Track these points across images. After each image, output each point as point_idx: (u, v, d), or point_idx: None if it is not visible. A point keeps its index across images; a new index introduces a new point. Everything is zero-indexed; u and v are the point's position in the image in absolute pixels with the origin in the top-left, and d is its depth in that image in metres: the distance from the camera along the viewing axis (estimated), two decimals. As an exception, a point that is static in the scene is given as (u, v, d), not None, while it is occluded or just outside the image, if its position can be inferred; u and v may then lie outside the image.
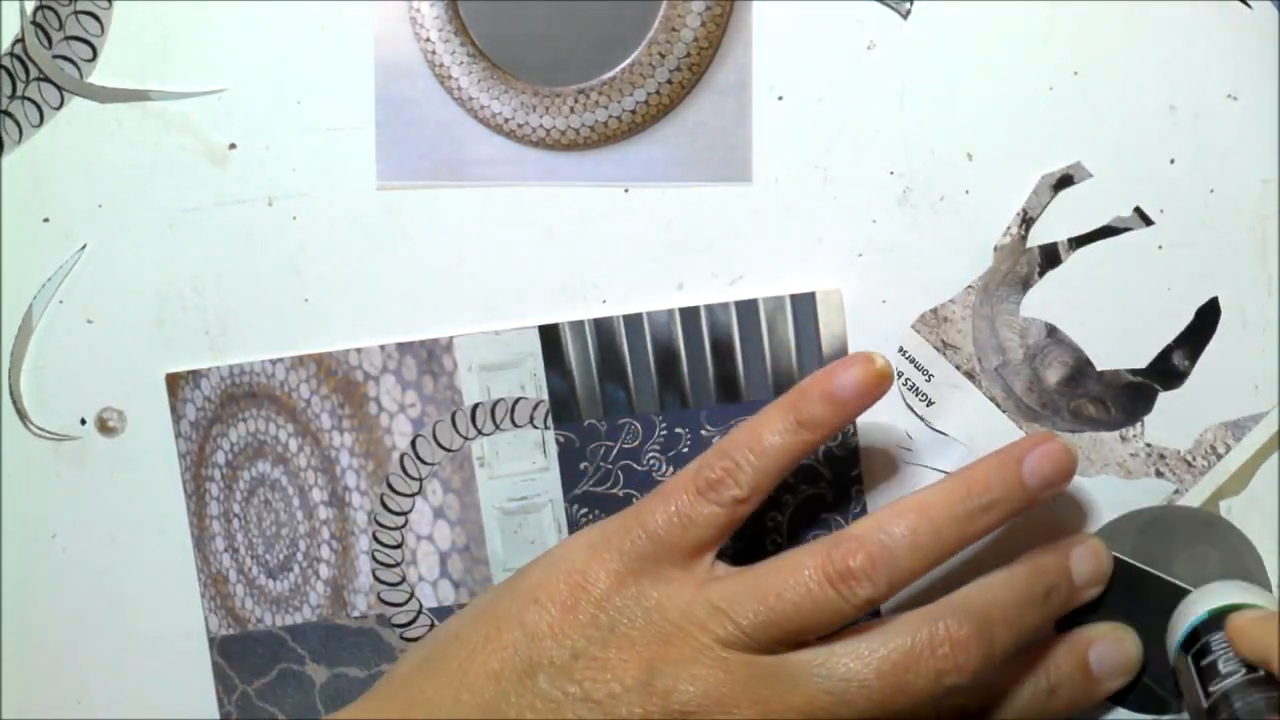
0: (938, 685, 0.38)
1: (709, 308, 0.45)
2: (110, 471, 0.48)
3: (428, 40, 0.44)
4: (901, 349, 0.44)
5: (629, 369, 0.46)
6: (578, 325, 0.45)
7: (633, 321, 0.45)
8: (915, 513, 0.39)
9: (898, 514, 0.39)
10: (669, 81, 0.44)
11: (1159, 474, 0.44)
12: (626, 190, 0.45)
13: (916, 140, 0.44)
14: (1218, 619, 0.41)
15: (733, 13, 0.44)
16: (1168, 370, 0.44)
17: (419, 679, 0.40)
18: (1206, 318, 0.43)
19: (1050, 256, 0.44)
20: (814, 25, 0.43)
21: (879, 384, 0.40)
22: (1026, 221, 0.44)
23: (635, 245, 0.45)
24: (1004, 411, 0.44)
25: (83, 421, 0.48)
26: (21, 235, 0.47)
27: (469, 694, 0.39)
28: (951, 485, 0.40)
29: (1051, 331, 0.44)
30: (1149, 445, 0.44)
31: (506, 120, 0.44)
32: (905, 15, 0.43)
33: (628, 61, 0.44)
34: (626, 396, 0.45)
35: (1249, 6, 0.42)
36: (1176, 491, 0.44)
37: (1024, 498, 0.40)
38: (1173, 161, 0.43)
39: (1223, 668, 0.39)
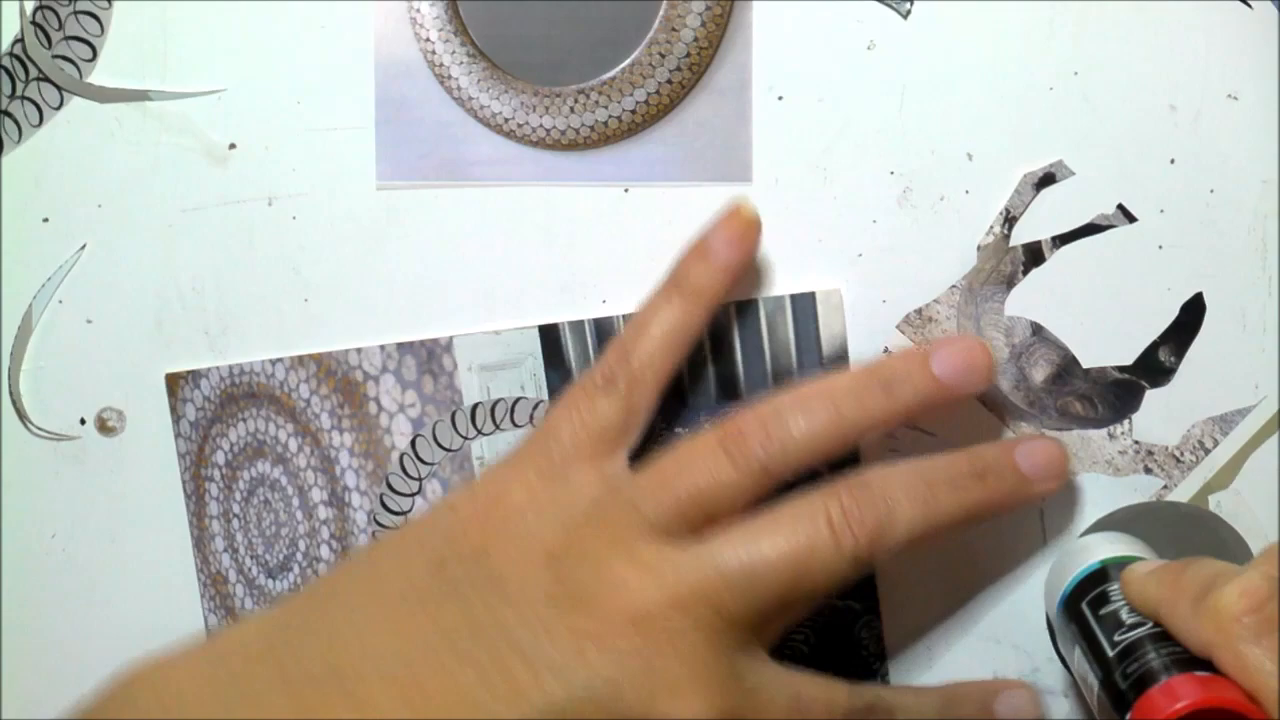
0: (840, 564, 0.38)
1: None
2: (110, 471, 0.48)
3: (428, 40, 0.44)
4: (887, 349, 0.44)
5: (629, 369, 0.45)
6: (578, 325, 0.45)
7: (633, 321, 0.45)
8: (813, 388, 0.40)
9: (795, 389, 0.40)
10: (669, 81, 0.44)
11: (1147, 470, 0.44)
12: (626, 190, 0.45)
13: (916, 140, 0.44)
14: (1112, 569, 0.40)
15: (733, 13, 0.44)
16: (1154, 367, 0.44)
17: (331, 577, 0.41)
18: (1192, 313, 0.43)
19: (1034, 255, 0.44)
20: (814, 25, 0.44)
21: (747, 231, 0.41)
22: (1009, 220, 0.44)
23: (635, 245, 0.45)
24: (990, 410, 0.44)
25: (82, 421, 0.48)
26: (21, 235, 0.47)
27: (379, 584, 0.40)
28: (856, 369, 0.40)
29: (1037, 330, 0.44)
30: (1137, 442, 0.44)
31: (506, 120, 0.44)
32: (905, 15, 0.43)
33: (628, 61, 0.44)
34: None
35: (1249, 6, 0.42)
36: (1165, 487, 0.44)
37: (932, 386, 0.40)
38: (1173, 161, 0.43)
39: (1125, 618, 0.39)
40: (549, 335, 0.45)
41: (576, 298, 0.45)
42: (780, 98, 0.44)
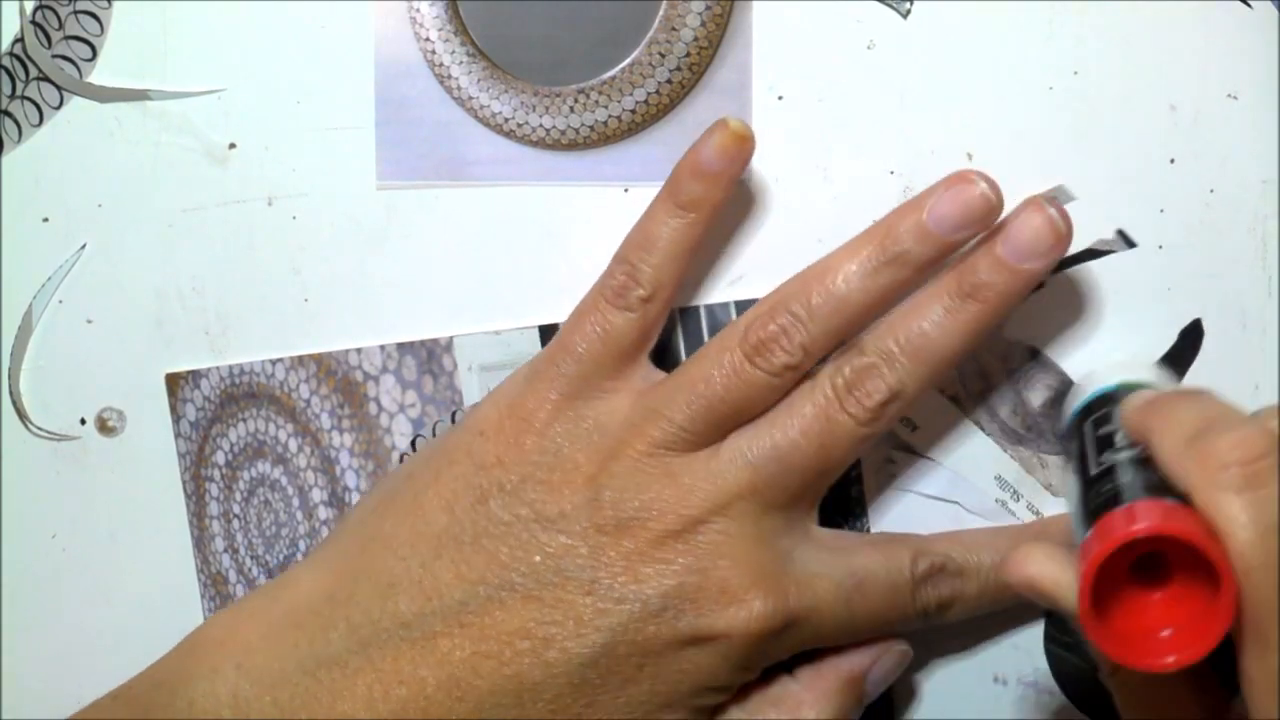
0: (860, 429, 0.39)
1: (709, 308, 0.45)
2: (110, 471, 0.48)
3: (428, 40, 0.44)
4: None
5: (629, 369, 0.45)
6: (578, 325, 0.45)
7: (633, 321, 0.45)
8: (820, 273, 0.40)
9: (803, 277, 0.40)
10: (669, 81, 0.44)
11: None
12: (626, 190, 0.45)
13: (916, 140, 0.44)
14: (1124, 392, 0.39)
15: (733, 13, 0.44)
16: None
17: (374, 518, 0.42)
18: (1190, 339, 0.43)
19: None
20: (814, 25, 0.43)
21: (740, 145, 0.41)
22: None
23: (635, 245, 0.45)
24: (989, 435, 0.44)
25: (83, 421, 0.48)
26: (21, 235, 0.47)
27: (425, 525, 0.40)
28: (857, 242, 0.40)
29: (1034, 354, 0.44)
30: None
31: (506, 120, 0.44)
32: (905, 15, 0.43)
33: (628, 61, 0.44)
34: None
35: (1249, 6, 0.42)
36: None
37: (933, 244, 0.40)
38: (1173, 161, 0.43)
39: (1119, 440, 0.38)
40: (549, 335, 0.45)
41: (576, 298, 0.45)
42: (780, 98, 0.44)
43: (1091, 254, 0.43)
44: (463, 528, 0.40)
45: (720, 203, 0.41)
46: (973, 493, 0.45)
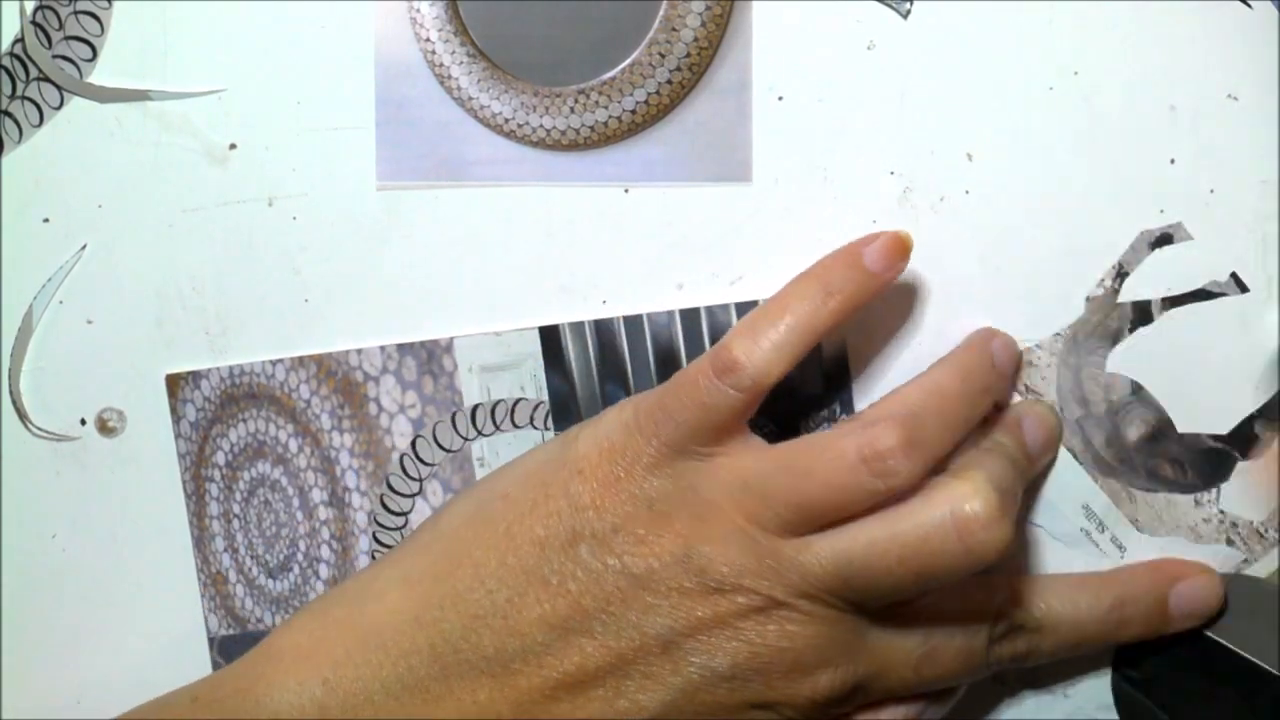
0: (966, 556, 0.39)
1: (709, 308, 0.45)
2: (110, 471, 0.48)
3: (428, 40, 0.44)
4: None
5: (629, 370, 0.46)
6: (578, 326, 0.45)
7: (633, 322, 0.45)
8: (934, 392, 0.41)
9: (921, 393, 0.41)
10: (669, 81, 0.44)
11: (1229, 542, 0.44)
12: (626, 190, 0.45)
13: (916, 140, 0.44)
14: None
15: (733, 13, 0.44)
16: (1248, 438, 0.43)
17: (467, 535, 0.42)
18: None
19: (1142, 313, 0.43)
20: (814, 25, 0.44)
21: (902, 251, 0.41)
22: (1120, 275, 0.43)
23: (635, 245, 0.45)
24: (1080, 463, 0.44)
25: (83, 422, 0.48)
26: (21, 235, 0.47)
27: (514, 558, 0.41)
28: (961, 361, 0.42)
29: (1136, 389, 0.44)
30: (1222, 512, 0.44)
31: (506, 120, 0.44)
32: (905, 15, 0.43)
33: (628, 61, 0.44)
34: (627, 397, 0.45)
35: (1249, 6, 0.42)
36: (1245, 561, 0.44)
37: (999, 380, 0.43)
38: (1173, 161, 0.43)
39: None
40: (549, 336, 0.45)
41: (576, 298, 0.45)
42: (780, 98, 0.44)
43: (1204, 294, 0.43)
44: (552, 569, 0.40)
45: (862, 301, 0.41)
46: (1059, 519, 0.45)
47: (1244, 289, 0.43)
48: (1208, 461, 0.44)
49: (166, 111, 0.46)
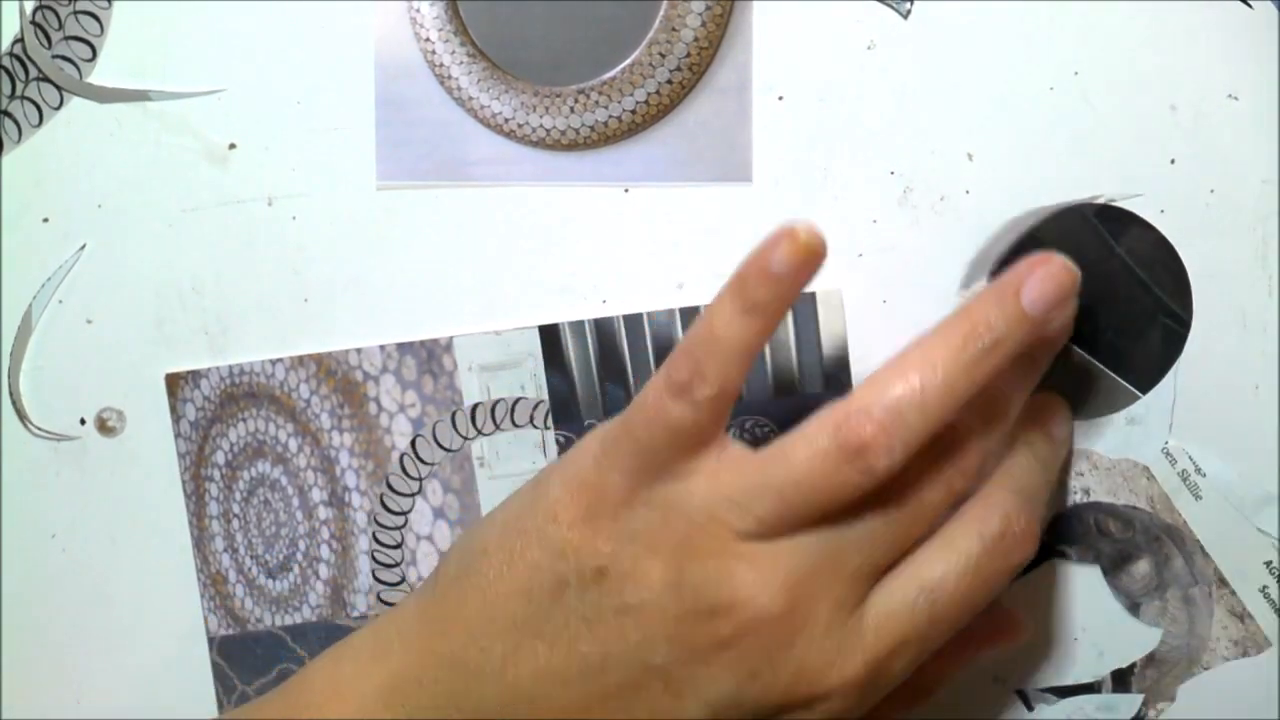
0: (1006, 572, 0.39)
1: (709, 309, 0.45)
2: (110, 471, 0.48)
3: (428, 40, 0.44)
4: None
5: (629, 369, 0.46)
6: (578, 325, 0.45)
7: (633, 321, 0.45)
8: (918, 369, 0.38)
9: (900, 373, 0.38)
10: (669, 81, 0.44)
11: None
12: (626, 190, 0.45)
13: (916, 140, 0.44)
14: None
15: (733, 13, 0.44)
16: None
17: (454, 597, 0.41)
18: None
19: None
20: (814, 25, 0.44)
21: (808, 256, 0.38)
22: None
23: (635, 245, 0.45)
24: None
25: (82, 421, 0.48)
26: (21, 235, 0.47)
27: (502, 613, 0.40)
28: (951, 330, 0.38)
29: None
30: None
31: (506, 120, 0.44)
32: (905, 15, 0.43)
33: (628, 61, 0.44)
34: (627, 396, 0.45)
35: (1249, 6, 0.42)
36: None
37: (1028, 329, 0.38)
38: (1173, 161, 0.43)
39: None
40: (549, 335, 0.45)
41: (576, 298, 0.45)
42: (780, 98, 0.44)
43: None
44: (545, 618, 0.39)
45: (784, 310, 0.39)
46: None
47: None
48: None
49: (166, 111, 0.46)
